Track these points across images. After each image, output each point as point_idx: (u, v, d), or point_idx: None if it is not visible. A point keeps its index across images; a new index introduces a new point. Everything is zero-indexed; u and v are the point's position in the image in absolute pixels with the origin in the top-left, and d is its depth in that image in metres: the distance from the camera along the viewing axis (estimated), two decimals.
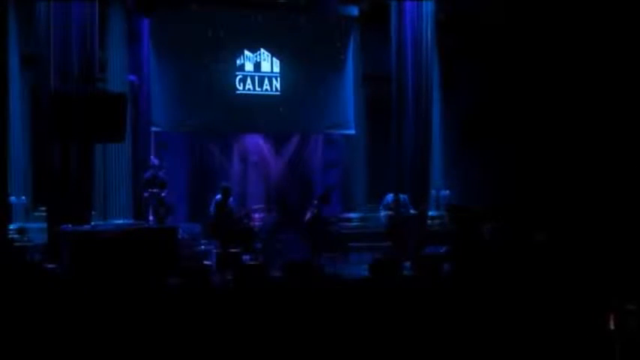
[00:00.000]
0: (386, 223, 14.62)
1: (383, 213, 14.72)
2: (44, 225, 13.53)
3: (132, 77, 15.17)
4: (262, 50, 16.51)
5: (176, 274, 10.05)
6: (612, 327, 7.53)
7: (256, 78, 16.46)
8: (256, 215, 15.77)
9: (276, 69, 16.60)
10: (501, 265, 9.94)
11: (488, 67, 16.52)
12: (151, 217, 14.48)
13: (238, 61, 16.34)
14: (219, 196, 14.65)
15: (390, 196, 14.64)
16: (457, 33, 16.75)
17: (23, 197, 14.40)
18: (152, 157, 15.42)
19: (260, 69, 16.49)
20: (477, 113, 16.63)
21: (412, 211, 14.94)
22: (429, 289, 9.18)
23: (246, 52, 16.40)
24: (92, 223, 13.33)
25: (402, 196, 14.60)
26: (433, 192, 16.68)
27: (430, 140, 16.34)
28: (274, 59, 16.57)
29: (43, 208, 13.91)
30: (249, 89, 16.42)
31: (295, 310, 8.20)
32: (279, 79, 16.62)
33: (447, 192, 16.96)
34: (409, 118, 16.10)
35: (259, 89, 16.50)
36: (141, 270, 11.18)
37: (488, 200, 15.02)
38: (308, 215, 14.83)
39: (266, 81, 16.52)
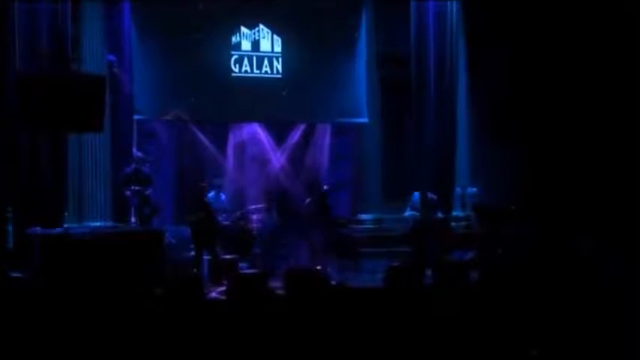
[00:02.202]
0: (410, 225, 14.63)
1: (409, 213, 14.69)
2: (9, 228, 13.48)
3: (110, 57, 15.10)
4: (261, 26, 16.43)
5: (162, 285, 9.99)
6: None
7: (254, 58, 16.39)
8: (254, 216, 15.73)
9: (278, 48, 16.54)
10: (539, 274, 9.84)
11: (522, 49, 16.39)
12: (133, 219, 14.45)
13: (234, 39, 16.27)
14: (211, 194, 14.66)
15: (417, 195, 14.63)
16: (485, 9, 16.64)
17: None
18: (134, 149, 15.37)
19: (259, 48, 16.42)
20: (508, 100, 16.52)
21: (439, 214, 14.88)
22: (454, 301, 9.08)
23: (243, 29, 16.33)
24: (65, 226, 13.29)
25: (430, 195, 14.55)
26: (458, 190, 16.61)
27: (455, 130, 16.28)
28: (275, 37, 16.50)
29: (8, 209, 13.85)
30: (246, 71, 16.37)
31: (299, 327, 8.11)
32: (280, 59, 16.55)
33: (475, 190, 16.87)
34: (431, 105, 16.05)
35: (258, 71, 16.45)
36: (121, 280, 11.13)
37: (521, 199, 14.91)
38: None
39: (266, 62, 16.45)
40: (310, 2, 16.68)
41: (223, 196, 15.56)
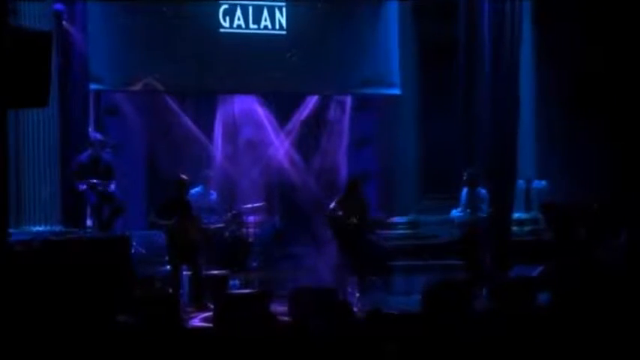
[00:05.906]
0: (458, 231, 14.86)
1: (456, 214, 14.80)
2: None
3: (59, 6, 15.05)
4: None
5: (128, 309, 9.98)
6: None
7: (250, 9, 16.39)
8: (250, 218, 15.75)
9: None
10: (631, 296, 9.79)
11: (607, 6, 16.33)
12: (89, 222, 14.44)
13: None
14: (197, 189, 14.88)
15: (467, 190, 14.74)
16: None
17: None
18: (91, 130, 15.40)
19: None
20: (589, 66, 16.49)
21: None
22: (517, 331, 9.04)
23: None
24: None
25: (480, 190, 14.60)
26: (521, 183, 16.60)
27: (517, 106, 16.24)
28: None
29: None
30: (239, 27, 16.39)
31: None
32: (284, 10, 16.52)
33: (543, 184, 16.87)
34: (485, 72, 15.97)
35: (255, 27, 16.47)
36: (76, 304, 11.09)
37: (605, 196, 14.89)
38: (333, 205, 14.84)
39: (265, 13, 16.46)
40: None
41: (214, 194, 15.54)
